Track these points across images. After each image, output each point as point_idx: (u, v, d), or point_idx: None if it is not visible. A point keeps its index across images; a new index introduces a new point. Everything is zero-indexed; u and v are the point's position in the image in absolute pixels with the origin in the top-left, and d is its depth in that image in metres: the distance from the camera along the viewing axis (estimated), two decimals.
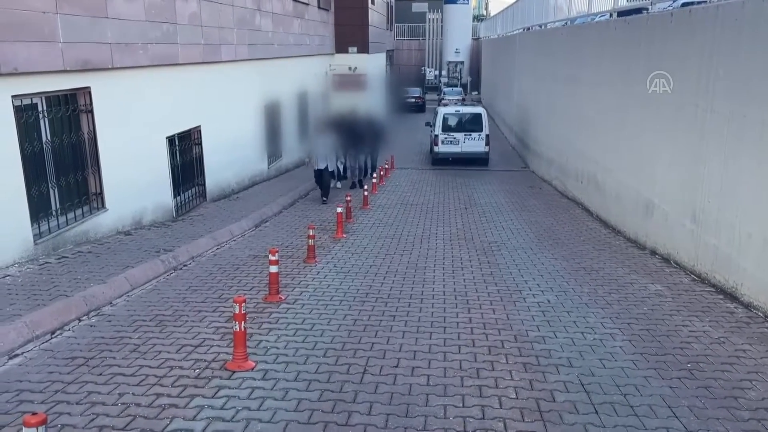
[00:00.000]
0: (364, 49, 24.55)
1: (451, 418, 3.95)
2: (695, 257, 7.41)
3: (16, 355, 4.81)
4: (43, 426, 2.71)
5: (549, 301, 6.49)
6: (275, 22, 16.15)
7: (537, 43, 19.17)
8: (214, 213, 10.94)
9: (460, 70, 45.38)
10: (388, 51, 35.82)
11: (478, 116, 18.95)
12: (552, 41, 16.60)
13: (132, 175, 9.06)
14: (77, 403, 4.05)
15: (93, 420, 3.84)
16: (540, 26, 19.11)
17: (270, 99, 15.70)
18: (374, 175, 15.18)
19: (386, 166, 17.40)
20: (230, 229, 9.64)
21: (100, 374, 4.50)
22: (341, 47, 24.13)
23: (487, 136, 18.81)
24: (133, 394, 4.20)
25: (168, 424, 3.80)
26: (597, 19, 12.70)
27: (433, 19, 46.67)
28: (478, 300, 6.52)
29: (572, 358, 4.94)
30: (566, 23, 15.56)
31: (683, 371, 4.71)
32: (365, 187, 12.56)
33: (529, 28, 21.23)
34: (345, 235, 9.64)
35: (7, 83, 6.67)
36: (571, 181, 13.47)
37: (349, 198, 11.12)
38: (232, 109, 13.13)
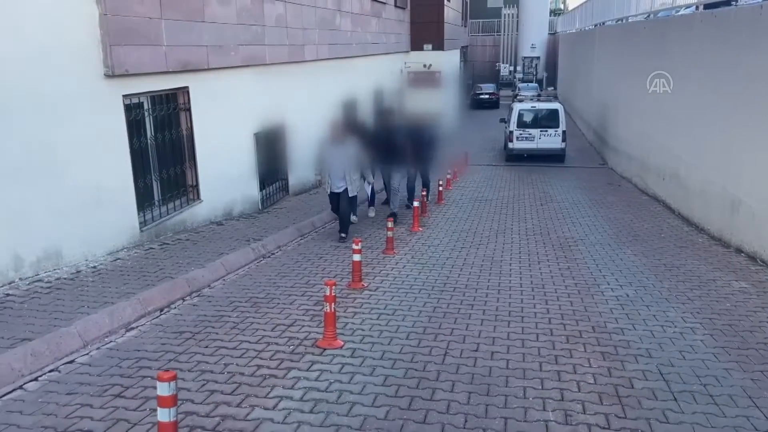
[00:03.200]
0: (439, 46, 24.72)
1: (530, 399, 4.15)
2: None
3: (132, 328, 5.36)
4: (174, 381, 3.13)
5: (627, 295, 6.53)
6: (354, 22, 16.61)
7: (618, 37, 18.73)
8: (296, 206, 11.46)
9: (536, 65, 44.66)
10: (462, 47, 35.78)
11: (555, 112, 18.75)
12: (634, 35, 16.21)
13: (223, 169, 9.67)
14: (189, 371, 4.52)
15: (204, 385, 4.28)
16: (621, 20, 18.66)
17: (348, 97, 16.16)
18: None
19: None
20: (312, 221, 10.11)
21: (206, 347, 4.97)
22: (416, 45, 24.39)
23: (563, 132, 18.58)
24: (237, 364, 4.63)
25: (270, 391, 4.20)
26: (681, 12, 12.37)
27: (508, 14, 46.14)
28: (556, 292, 6.63)
29: (651, 349, 5.01)
30: (648, 17, 15.18)
31: (766, 365, 4.70)
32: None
33: (609, 22, 20.75)
34: (421, 229, 9.90)
35: (119, 84, 7.34)
36: (652, 177, 13.18)
37: (424, 193, 11.35)
38: (313, 106, 13.63)
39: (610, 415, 3.93)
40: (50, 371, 4.43)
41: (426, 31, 24.38)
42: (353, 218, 10.11)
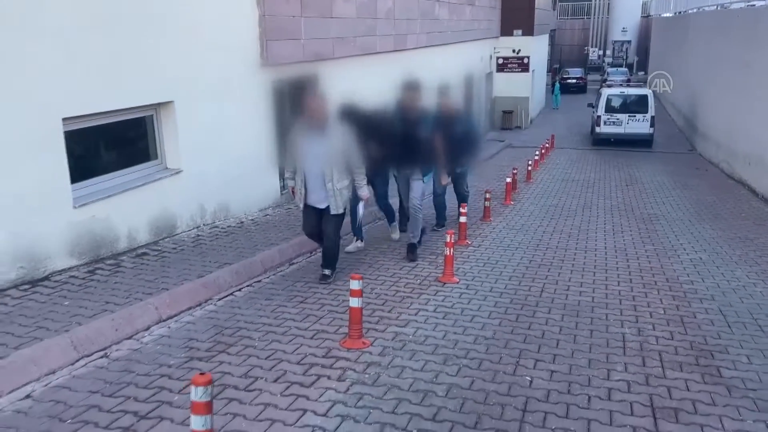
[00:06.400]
0: (528, 31, 25.34)
1: (611, 320, 5.36)
2: None
3: (294, 263, 6.94)
4: (360, 280, 4.59)
5: (701, 258, 7.51)
6: (450, 11, 17.74)
7: (711, 24, 18.90)
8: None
9: (626, 49, 44.00)
10: (550, 31, 35.97)
11: (644, 98, 19.21)
12: (726, 23, 16.49)
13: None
14: (346, 290, 5.99)
15: None
16: (717, 6, 18.80)
17: (442, 82, 17.34)
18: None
19: (546, 145, 18.38)
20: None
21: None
22: (506, 30, 25.11)
23: (652, 117, 19.03)
24: (380, 288, 6.07)
25: (410, 305, 5.62)
26: None
27: None
28: (636, 254, 7.71)
29: (715, 295, 6.07)
30: (744, 5, 15.45)
31: None
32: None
33: (705, 8, 20.78)
34: (512, 202, 11.07)
35: (270, 72, 8.94)
36: (739, 163, 13.68)
37: (515, 171, 12.42)
38: None
39: (675, 332, 5.09)
40: (247, 286, 6.04)
41: (516, 16, 25.00)
42: (357, 245, 7.37)
